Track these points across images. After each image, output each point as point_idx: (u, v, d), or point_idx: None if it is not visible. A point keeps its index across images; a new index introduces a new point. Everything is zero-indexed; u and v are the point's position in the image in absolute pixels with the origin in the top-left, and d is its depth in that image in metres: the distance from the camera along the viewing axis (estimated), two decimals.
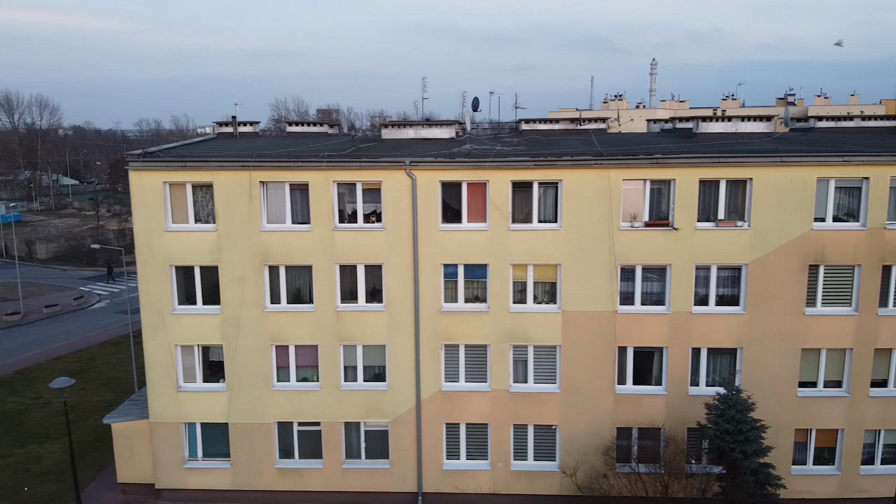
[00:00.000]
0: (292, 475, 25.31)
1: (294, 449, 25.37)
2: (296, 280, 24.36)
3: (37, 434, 32.14)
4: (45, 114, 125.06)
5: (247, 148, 25.70)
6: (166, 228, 23.91)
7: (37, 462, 29.38)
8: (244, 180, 23.47)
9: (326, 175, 23.32)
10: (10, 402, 35.66)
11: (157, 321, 24.48)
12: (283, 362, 24.83)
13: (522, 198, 23.37)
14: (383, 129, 27.81)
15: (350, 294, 24.32)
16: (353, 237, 23.71)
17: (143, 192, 23.70)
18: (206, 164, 23.43)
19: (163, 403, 24.99)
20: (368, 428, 25.07)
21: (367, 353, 24.61)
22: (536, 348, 24.13)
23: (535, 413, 24.44)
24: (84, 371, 40.43)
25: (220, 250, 23.96)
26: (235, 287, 24.15)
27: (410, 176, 23.07)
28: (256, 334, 24.42)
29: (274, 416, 24.95)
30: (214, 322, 24.44)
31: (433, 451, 24.85)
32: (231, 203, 23.63)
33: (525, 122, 29.66)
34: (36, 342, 46.08)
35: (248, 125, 31.10)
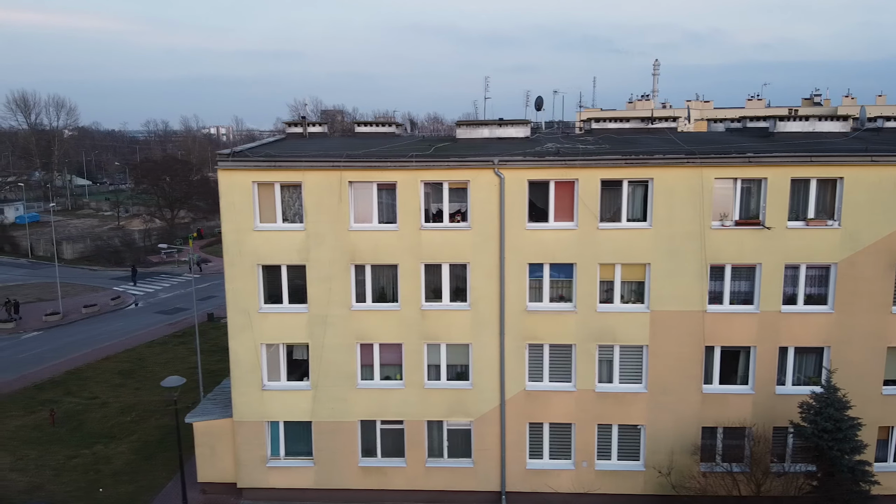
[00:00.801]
0: (375, 474, 25.33)
1: (376, 447, 25.39)
2: (380, 279, 24.39)
3: (100, 434, 32.15)
4: (61, 114, 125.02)
5: (322, 148, 25.77)
6: (255, 228, 23.93)
7: (106, 462, 29.38)
8: (334, 180, 23.50)
9: (415, 175, 23.34)
10: (67, 403, 35.67)
11: (243, 320, 24.49)
12: (367, 361, 24.84)
13: (610, 196, 23.40)
14: (458, 129, 27.83)
15: (434, 293, 24.33)
16: (439, 237, 23.72)
17: (232, 191, 23.73)
18: (296, 164, 23.46)
19: (247, 402, 25.00)
20: (451, 427, 25.08)
21: (450, 352, 24.63)
22: (623, 348, 24.14)
23: (621, 413, 24.46)
24: (135, 371, 40.48)
25: (308, 249, 23.99)
26: (322, 286, 24.18)
27: (499, 175, 23.09)
28: (342, 333, 24.45)
29: (358, 414, 24.96)
30: (301, 321, 24.46)
31: (516, 451, 24.87)
32: (320, 203, 23.66)
33: (595, 120, 29.68)
34: (80, 342, 46.09)
35: (318, 125, 31.14)
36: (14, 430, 32.48)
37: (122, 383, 38.49)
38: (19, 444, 31.05)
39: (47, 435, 32.04)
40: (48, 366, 41.21)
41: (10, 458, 29.75)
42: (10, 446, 30.90)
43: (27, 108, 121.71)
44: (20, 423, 33.27)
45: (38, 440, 31.53)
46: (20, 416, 34.14)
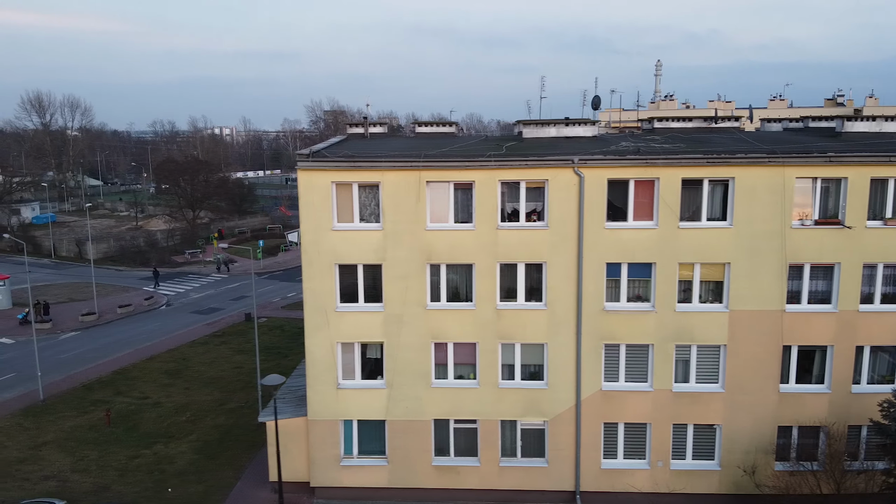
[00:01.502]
0: (449, 472, 25.34)
1: (449, 446, 25.39)
2: (454, 278, 24.39)
3: (157, 434, 32.13)
4: (76, 114, 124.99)
5: (386, 148, 25.77)
6: (333, 228, 23.93)
7: (169, 462, 29.37)
8: (412, 180, 23.50)
9: (493, 174, 23.35)
10: (119, 403, 35.65)
11: (320, 319, 24.49)
12: (441, 360, 24.85)
13: (689, 196, 23.39)
14: (524, 128, 27.84)
15: (508, 293, 24.34)
16: (516, 236, 23.72)
17: (311, 191, 23.73)
18: (375, 164, 23.46)
19: (322, 401, 25.00)
20: (524, 426, 25.08)
21: (525, 352, 24.63)
22: (700, 348, 24.14)
23: (697, 412, 24.46)
24: (181, 371, 40.47)
25: (384, 249, 23.99)
26: (398, 285, 24.19)
27: (578, 174, 23.10)
28: (417, 332, 24.45)
29: (432, 413, 24.97)
30: (376, 319, 24.47)
31: (591, 450, 24.87)
32: (398, 202, 23.66)
33: (657, 119, 29.71)
34: (120, 342, 46.07)
35: (379, 126, 31.14)
36: (70, 431, 32.47)
37: (170, 383, 38.48)
38: (77, 445, 31.04)
39: (104, 435, 32.03)
40: (93, 366, 41.19)
41: (71, 459, 29.75)
42: (69, 447, 30.89)
43: (42, 108, 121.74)
44: (74, 424, 33.26)
45: (96, 440, 31.52)
46: (73, 416, 34.13)
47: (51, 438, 31.61)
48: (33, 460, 29.58)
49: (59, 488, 27.24)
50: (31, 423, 33.17)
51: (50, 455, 30.06)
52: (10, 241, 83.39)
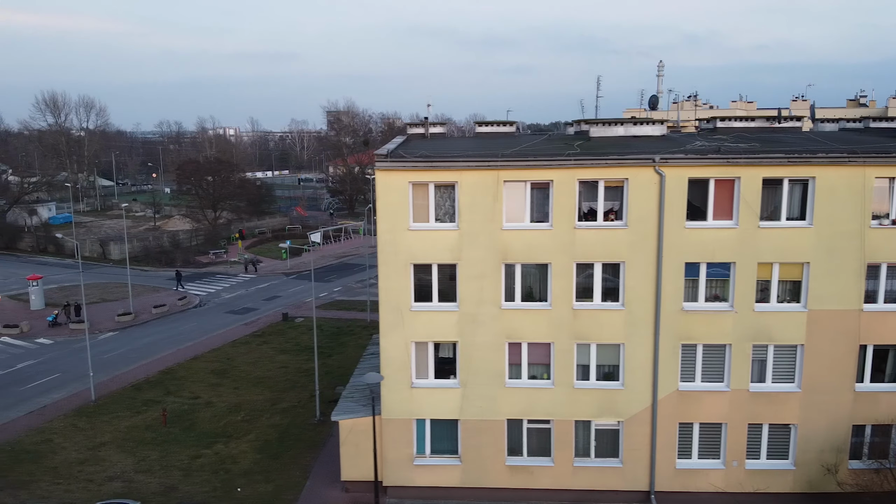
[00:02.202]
0: (522, 472, 25.32)
1: (522, 446, 25.38)
2: (529, 278, 24.37)
3: (215, 434, 32.11)
4: (90, 115, 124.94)
5: (448, 148, 25.83)
6: (409, 228, 23.92)
7: (233, 462, 29.35)
8: (489, 179, 23.49)
9: (571, 173, 23.34)
10: (171, 403, 35.62)
11: (395, 318, 24.47)
12: (514, 360, 24.83)
13: (769, 195, 23.38)
14: (591, 127, 27.83)
15: (584, 292, 24.32)
16: (593, 235, 23.71)
17: (388, 191, 23.73)
18: (452, 164, 23.45)
19: (396, 400, 24.97)
20: (599, 427, 25.06)
21: (600, 352, 24.61)
22: (777, 347, 24.13)
23: (772, 412, 24.43)
24: (227, 371, 40.46)
25: (460, 248, 23.98)
26: (474, 285, 24.17)
27: (659, 173, 23.08)
28: (492, 331, 24.44)
29: (505, 413, 24.95)
30: (451, 319, 24.46)
31: (666, 451, 24.84)
32: (474, 202, 23.65)
33: (720, 119, 29.72)
34: (160, 342, 46.04)
35: (439, 126, 31.12)
36: (126, 431, 32.45)
37: (218, 383, 38.47)
38: (136, 445, 31.01)
39: (161, 435, 32.01)
40: (137, 366, 41.15)
41: (133, 460, 29.72)
42: (128, 447, 30.87)
43: (56, 108, 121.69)
44: (130, 424, 33.23)
45: (154, 440, 31.49)
46: (128, 416, 34.11)
47: (108, 439, 31.58)
48: (94, 461, 29.55)
49: (125, 489, 27.21)
50: (86, 424, 33.14)
51: (110, 455, 30.03)
52: (32, 241, 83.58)
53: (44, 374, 40.11)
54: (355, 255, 77.76)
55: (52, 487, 27.30)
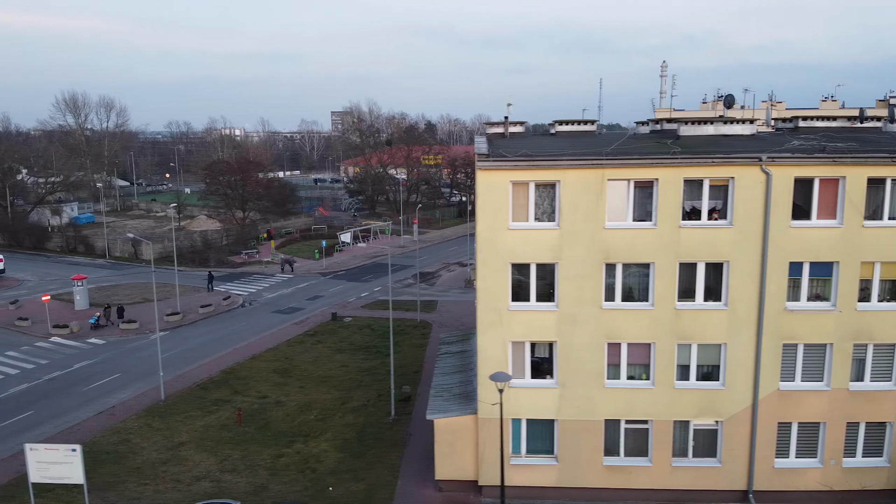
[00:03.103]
0: (619, 472, 25.30)
1: (619, 446, 25.36)
2: (629, 277, 24.34)
3: (292, 433, 32.11)
4: (111, 115, 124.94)
5: (531, 147, 25.60)
6: (509, 227, 23.90)
7: (317, 461, 29.34)
8: (592, 178, 23.46)
9: (677, 172, 23.30)
10: (241, 402, 35.61)
11: (493, 318, 24.45)
12: (613, 360, 24.80)
13: (871, 194, 23.34)
14: (682, 127, 27.76)
15: (685, 292, 24.27)
16: (698, 235, 23.66)
17: (489, 191, 23.72)
18: (555, 162, 23.43)
19: (493, 399, 24.90)
20: (697, 427, 25.02)
21: (701, 352, 24.57)
22: (876, 346, 24.10)
23: (870, 410, 24.41)
24: (289, 370, 40.47)
25: (560, 248, 23.95)
26: (573, 284, 24.15)
27: (766, 172, 23.03)
28: (591, 331, 24.41)
29: (603, 413, 24.92)
30: (549, 319, 24.44)
31: (764, 450, 24.80)
32: (576, 201, 23.62)
33: (802, 118, 29.70)
34: (214, 342, 46.02)
35: (518, 125, 31.09)
36: (202, 430, 32.44)
37: (283, 382, 38.48)
38: (215, 445, 31.01)
39: (238, 434, 32.01)
40: (197, 366, 41.14)
41: (215, 459, 29.72)
42: (207, 447, 30.87)
43: (76, 108, 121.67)
44: (204, 423, 33.23)
45: (231, 440, 31.49)
46: (200, 416, 34.11)
47: (186, 439, 31.57)
48: (176, 461, 29.54)
49: (214, 489, 27.21)
50: (161, 424, 33.13)
51: (191, 455, 30.03)
52: (61, 241, 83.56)
53: (103, 374, 40.08)
54: (386, 255, 77.59)
55: (140, 488, 27.29)
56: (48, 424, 33.29)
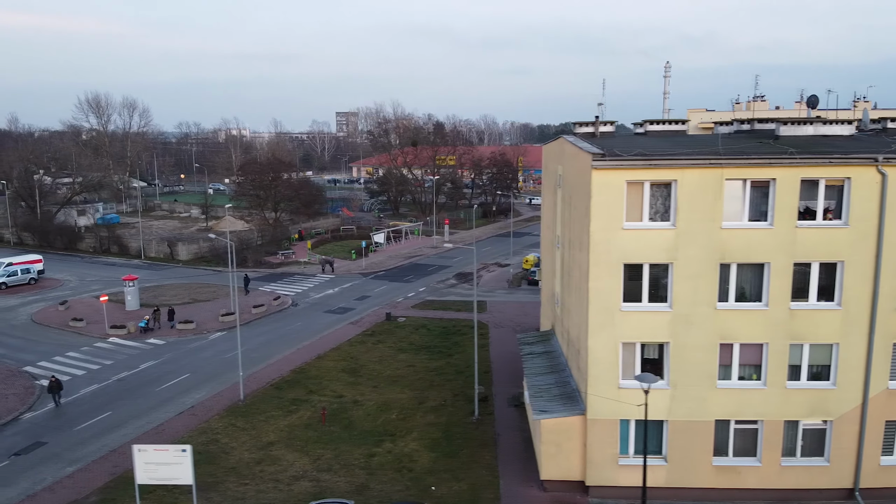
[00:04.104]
0: (728, 472, 25.34)
1: (728, 446, 25.40)
2: (743, 278, 24.39)
3: (377, 432, 32.13)
4: (134, 116, 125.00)
5: (626, 146, 25.73)
6: (623, 227, 23.96)
7: (410, 461, 29.38)
8: (710, 178, 23.51)
9: (794, 172, 23.36)
10: (318, 402, 35.63)
11: (605, 318, 24.51)
12: (725, 360, 24.84)
13: None
14: (781, 127, 27.83)
15: (798, 292, 24.32)
16: (813, 235, 23.72)
17: (603, 190, 23.77)
18: (673, 162, 23.49)
19: (603, 400, 24.99)
20: (806, 426, 25.08)
21: (812, 352, 24.62)
22: None
23: None
24: (357, 370, 40.51)
25: (675, 248, 24.00)
26: (687, 285, 24.20)
27: (882, 172, 23.10)
28: (704, 332, 24.46)
29: (714, 414, 24.97)
30: (662, 319, 24.49)
31: (871, 448, 24.86)
32: (692, 201, 23.67)
33: (890, 119, 29.79)
34: (275, 342, 46.04)
35: (609, 125, 31.15)
36: (288, 430, 32.46)
37: (355, 381, 38.52)
38: (304, 444, 31.04)
39: (324, 434, 32.04)
40: (265, 366, 41.13)
41: (308, 459, 29.76)
42: (297, 446, 30.91)
43: (99, 109, 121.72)
44: (287, 423, 33.26)
45: (319, 439, 31.52)
46: (281, 415, 34.14)
47: (274, 438, 31.61)
48: (270, 461, 29.57)
49: (315, 488, 27.26)
50: (245, 423, 33.17)
51: (283, 455, 30.06)
52: (93, 241, 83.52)
53: (172, 374, 40.10)
54: (422, 256, 77.82)
55: (241, 488, 27.34)
56: (130, 425, 33.32)
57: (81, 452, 30.51)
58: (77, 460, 29.80)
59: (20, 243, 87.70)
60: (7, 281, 62.32)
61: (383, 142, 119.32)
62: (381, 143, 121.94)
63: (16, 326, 50.61)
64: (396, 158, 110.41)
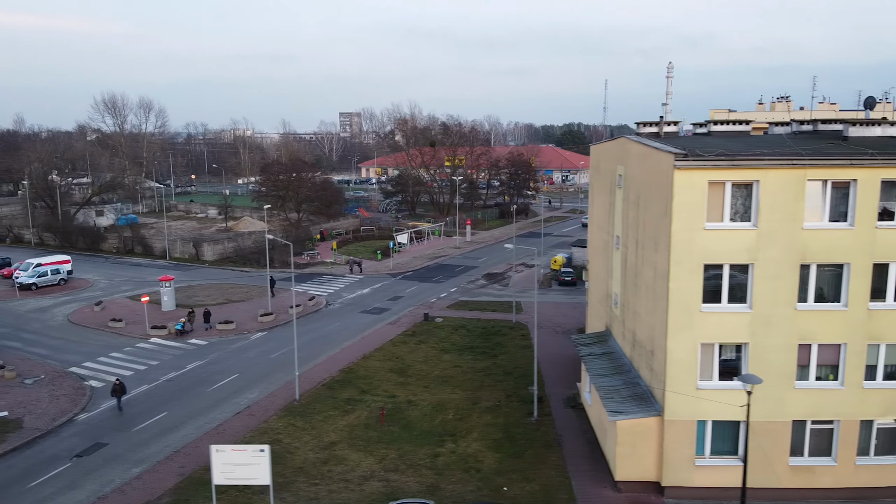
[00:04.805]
0: (803, 472, 25.41)
1: (803, 446, 25.47)
2: (821, 278, 24.43)
3: (437, 433, 32.15)
4: (150, 116, 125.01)
5: (690, 146, 25.71)
6: (705, 227, 23.99)
7: (475, 461, 29.42)
8: (793, 178, 23.59)
9: (877, 172, 23.44)
10: (375, 402, 35.63)
11: (684, 319, 24.54)
12: (803, 361, 24.91)
13: None
14: (850, 128, 27.88)
15: (876, 292, 24.37)
16: (893, 236, 23.80)
17: (685, 191, 23.83)
18: (756, 162, 23.54)
19: (680, 401, 25.02)
20: (881, 425, 25.14)
21: (890, 352, 24.69)
22: None
23: None
24: (405, 370, 40.54)
25: (757, 249, 24.06)
26: (768, 285, 24.25)
27: None
28: (783, 333, 24.52)
29: (791, 414, 25.04)
30: (742, 321, 24.53)
31: None
32: (774, 201, 23.73)
33: None
34: (317, 341, 46.01)
35: (672, 125, 31.17)
36: (348, 430, 32.47)
37: (405, 381, 38.55)
38: (367, 444, 31.06)
39: (385, 433, 32.06)
40: (313, 366, 41.08)
41: (373, 459, 29.77)
42: (359, 446, 30.93)
43: (116, 110, 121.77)
44: (346, 423, 33.28)
45: (381, 439, 31.53)
46: (338, 415, 34.16)
47: (335, 438, 31.63)
48: (335, 461, 29.60)
49: (385, 488, 27.29)
50: (304, 423, 33.19)
51: (348, 455, 30.07)
52: (117, 242, 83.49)
53: (220, 374, 40.11)
54: (446, 256, 77.84)
55: (313, 489, 27.36)
56: (188, 426, 33.33)
57: (144, 453, 30.51)
58: (141, 461, 29.80)
59: (41, 244, 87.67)
60: (37, 282, 62.32)
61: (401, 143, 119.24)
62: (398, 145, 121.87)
63: (53, 327, 50.61)
64: (414, 159, 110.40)
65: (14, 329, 49.55)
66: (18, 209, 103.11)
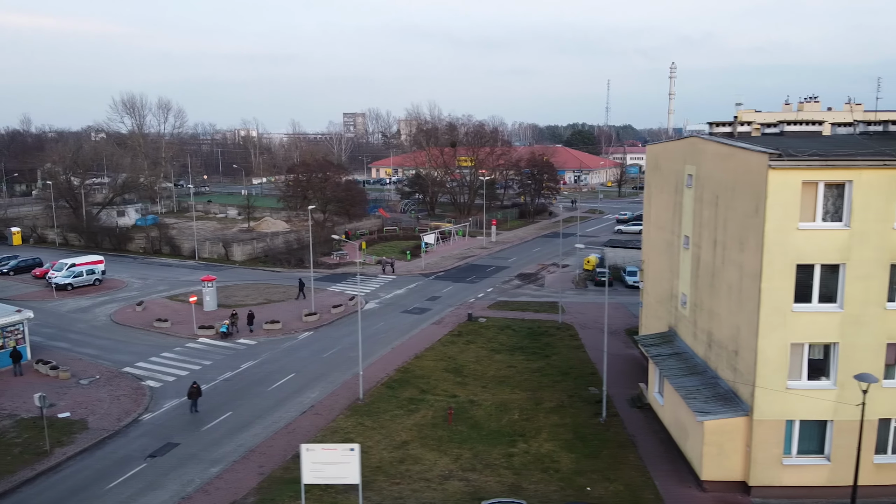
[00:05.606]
0: (888, 470, 25.59)
1: (888, 444, 25.60)
2: None
3: (506, 433, 32.25)
4: (168, 116, 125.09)
5: (775, 146, 25.70)
6: (798, 227, 24.10)
7: (551, 461, 29.51)
8: (884, 179, 23.71)
9: None
10: (437, 401, 35.73)
11: (776, 319, 24.64)
12: (891, 360, 25.02)
13: None
14: None
15: None
16: None
17: (780, 190, 23.91)
18: (850, 162, 23.66)
19: (770, 401, 25.13)
20: None
21: None
22: None
23: None
24: (460, 370, 40.65)
25: (848, 248, 24.17)
26: (859, 285, 24.36)
27: None
28: (873, 332, 24.64)
29: (878, 413, 25.12)
30: (832, 320, 24.65)
31: None
32: (867, 201, 23.84)
33: None
34: (366, 340, 45.75)
35: (746, 125, 31.28)
36: (417, 430, 32.57)
37: (462, 381, 38.65)
38: (439, 444, 31.16)
39: (454, 433, 32.15)
40: (369, 365, 40.87)
41: (448, 458, 29.88)
42: (432, 445, 31.03)
43: (134, 110, 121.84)
44: (413, 422, 33.38)
45: (451, 439, 31.63)
46: (404, 414, 34.27)
47: (406, 438, 31.72)
48: (411, 460, 29.69)
49: (467, 487, 27.39)
50: (372, 423, 33.28)
51: (423, 454, 30.16)
52: (144, 242, 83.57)
53: (278, 374, 40.20)
54: (475, 256, 77.93)
55: (395, 488, 27.44)
56: (257, 425, 33.43)
57: (219, 453, 30.60)
58: (218, 461, 29.89)
59: (65, 244, 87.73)
60: (73, 282, 62.38)
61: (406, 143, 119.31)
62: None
63: (98, 327, 50.68)
64: (435, 159, 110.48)
65: (59, 330, 49.62)
66: (38, 209, 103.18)
